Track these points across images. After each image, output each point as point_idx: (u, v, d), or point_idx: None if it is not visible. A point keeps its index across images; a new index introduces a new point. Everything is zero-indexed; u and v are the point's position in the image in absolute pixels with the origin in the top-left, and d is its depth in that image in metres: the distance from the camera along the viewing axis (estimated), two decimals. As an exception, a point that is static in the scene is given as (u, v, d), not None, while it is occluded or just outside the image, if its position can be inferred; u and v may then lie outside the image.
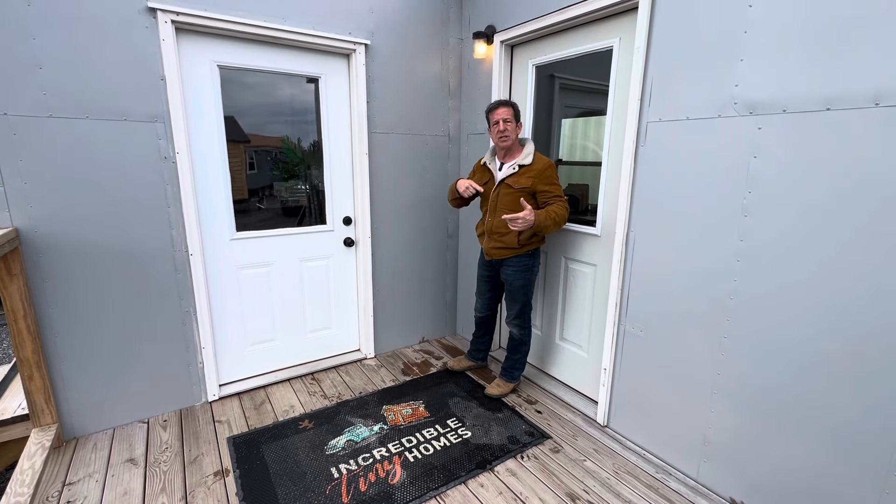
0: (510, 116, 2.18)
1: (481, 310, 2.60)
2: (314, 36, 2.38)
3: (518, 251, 2.28)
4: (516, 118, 2.20)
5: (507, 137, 2.18)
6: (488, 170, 2.33)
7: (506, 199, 2.23)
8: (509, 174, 2.22)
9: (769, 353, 1.60)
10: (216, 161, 2.32)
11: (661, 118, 1.84)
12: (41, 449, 1.90)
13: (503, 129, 2.17)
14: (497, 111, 2.19)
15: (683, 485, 1.88)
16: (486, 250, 2.35)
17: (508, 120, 2.17)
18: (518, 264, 2.31)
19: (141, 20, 1.97)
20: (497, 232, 2.28)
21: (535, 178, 2.17)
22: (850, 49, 1.32)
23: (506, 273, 2.36)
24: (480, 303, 2.59)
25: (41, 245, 1.92)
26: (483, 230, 2.37)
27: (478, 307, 2.62)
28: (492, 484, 1.87)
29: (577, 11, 2.11)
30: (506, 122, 2.17)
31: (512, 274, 2.33)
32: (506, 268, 2.35)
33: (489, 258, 2.37)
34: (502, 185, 2.24)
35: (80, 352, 2.06)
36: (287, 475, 1.90)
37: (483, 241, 2.38)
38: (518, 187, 2.19)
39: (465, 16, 2.87)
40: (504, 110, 2.17)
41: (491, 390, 2.52)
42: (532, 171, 2.18)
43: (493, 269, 2.44)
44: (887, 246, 1.30)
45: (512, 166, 2.22)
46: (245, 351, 2.60)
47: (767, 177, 1.53)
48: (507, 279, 2.36)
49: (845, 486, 1.46)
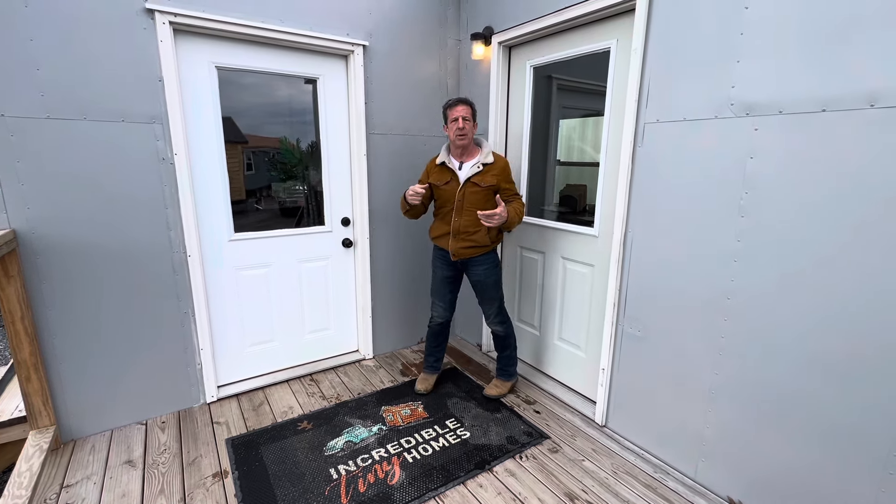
0: (469, 115, 2.18)
1: (442, 314, 2.49)
2: (312, 37, 2.38)
3: (487, 248, 2.30)
4: (473, 117, 2.22)
5: (465, 136, 2.17)
6: (448, 169, 2.27)
7: (473, 197, 2.21)
8: (475, 173, 2.21)
9: (766, 353, 1.61)
10: (214, 162, 2.32)
11: (658, 119, 1.85)
12: (39, 451, 1.89)
13: (462, 126, 2.15)
14: (456, 108, 2.17)
15: (681, 484, 1.88)
16: (454, 251, 2.29)
17: (467, 118, 2.17)
18: (487, 262, 2.33)
19: (139, 21, 1.96)
20: (465, 231, 2.25)
21: (499, 176, 2.22)
22: (846, 51, 1.33)
23: (476, 273, 2.34)
24: (442, 307, 2.48)
25: (39, 246, 1.92)
26: (446, 231, 2.30)
27: (439, 312, 2.49)
28: (490, 484, 1.88)
29: (574, 13, 2.12)
30: (465, 119, 2.16)
31: (483, 272, 2.34)
32: (475, 268, 2.33)
33: (456, 258, 2.31)
34: (468, 184, 2.21)
35: (78, 353, 2.06)
36: (286, 476, 1.89)
37: (446, 242, 2.31)
38: (486, 185, 2.21)
39: (463, 17, 2.87)
40: (463, 108, 2.17)
41: (490, 391, 2.52)
42: (495, 168, 2.22)
43: (458, 270, 2.40)
44: (884, 246, 1.31)
45: (476, 165, 2.21)
46: (243, 352, 2.60)
47: (764, 178, 1.54)
48: (478, 279, 2.35)
49: (843, 485, 1.47)
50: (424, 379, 2.60)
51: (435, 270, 2.45)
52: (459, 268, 2.39)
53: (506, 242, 2.91)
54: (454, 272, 2.41)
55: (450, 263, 2.38)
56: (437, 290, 2.46)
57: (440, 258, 2.41)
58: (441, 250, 2.38)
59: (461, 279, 2.46)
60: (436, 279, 2.46)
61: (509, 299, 2.96)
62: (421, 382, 2.58)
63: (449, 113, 2.20)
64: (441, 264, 2.41)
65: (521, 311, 2.89)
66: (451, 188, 2.25)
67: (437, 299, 2.48)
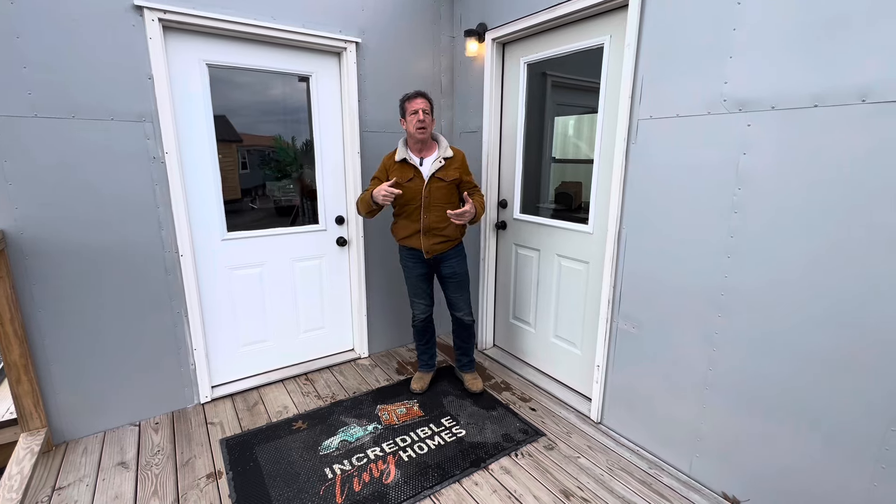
0: (428, 108, 2.16)
1: (425, 310, 2.48)
2: (304, 34, 2.36)
3: (457, 241, 2.36)
4: (432, 111, 2.21)
5: (424, 129, 2.15)
6: (410, 165, 2.21)
7: (439, 193, 2.21)
8: (438, 168, 2.20)
9: (760, 349, 1.61)
10: (206, 161, 2.30)
11: (651, 115, 1.84)
12: (30, 454, 1.87)
13: (422, 118, 2.13)
14: (416, 100, 2.15)
15: (676, 480, 1.89)
16: (427, 248, 2.27)
17: (427, 111, 2.15)
18: (459, 254, 2.39)
19: (128, 18, 1.94)
20: (436, 227, 2.24)
21: (461, 169, 2.27)
22: (837, 46, 1.33)
23: (449, 267, 2.36)
24: (423, 304, 2.46)
25: (28, 247, 1.89)
26: (415, 230, 2.27)
27: (421, 309, 2.47)
28: (486, 482, 1.88)
29: (567, 9, 2.11)
30: (425, 112, 2.14)
31: (457, 264, 2.37)
32: (448, 262, 2.35)
33: (429, 255, 2.30)
34: (433, 179, 2.20)
35: (70, 355, 2.04)
36: (281, 476, 1.89)
37: (417, 241, 2.28)
38: (450, 180, 2.22)
39: (457, 14, 2.86)
40: (422, 101, 2.15)
41: (474, 386, 2.52)
42: (456, 161, 2.25)
43: (430, 266, 2.39)
44: (877, 240, 1.31)
45: (438, 160, 2.20)
46: (237, 352, 2.59)
47: (757, 173, 1.54)
48: (452, 272, 2.37)
49: (836, 478, 1.47)
50: (420, 378, 2.59)
51: (408, 271, 2.43)
52: (432, 264, 2.39)
53: (501, 240, 2.90)
54: (428, 269, 2.41)
55: (422, 261, 2.37)
56: (415, 288, 2.45)
57: (411, 257, 2.38)
58: (411, 250, 2.36)
59: (433, 274, 2.46)
60: (411, 278, 2.44)
61: (504, 297, 2.96)
62: (416, 382, 2.57)
63: (407, 105, 2.17)
64: (413, 263, 2.39)
65: (516, 309, 2.89)
66: (416, 185, 2.21)
67: (417, 298, 2.47)
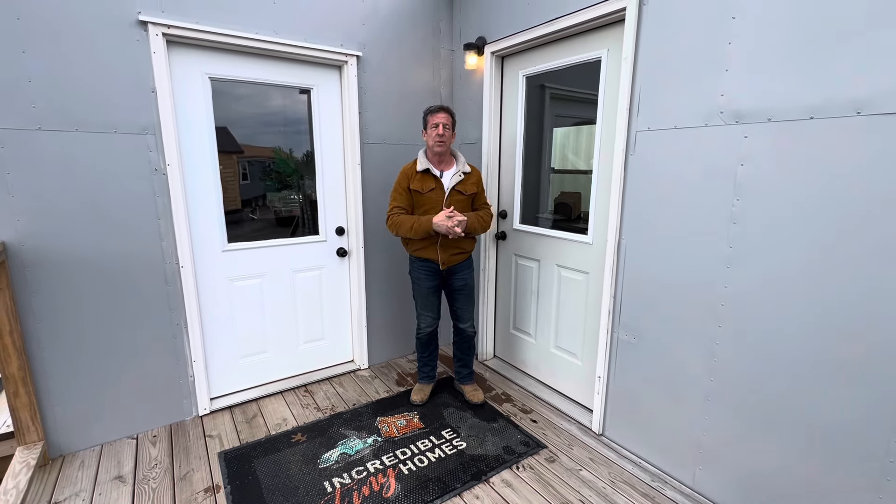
0: (449, 123, 2.22)
1: (432, 323, 2.47)
2: (306, 48, 2.39)
3: (469, 253, 2.42)
4: (453, 126, 2.26)
5: (443, 142, 2.20)
6: (432, 176, 2.25)
7: (458, 206, 2.25)
8: (458, 181, 2.26)
9: (761, 359, 1.61)
10: (208, 173, 2.31)
11: (649, 127, 1.86)
12: (26, 468, 1.85)
13: (442, 133, 2.18)
14: (438, 115, 2.21)
15: (679, 493, 1.87)
16: (444, 260, 2.30)
17: (448, 126, 2.21)
18: (470, 266, 2.44)
19: (132, 33, 1.97)
20: (454, 239, 2.27)
21: (477, 185, 2.33)
22: (832, 59, 1.35)
23: (461, 279, 2.40)
24: (431, 317, 2.45)
25: (28, 259, 1.89)
26: (433, 241, 2.27)
27: (428, 322, 2.46)
28: (487, 495, 1.85)
29: (565, 24, 2.15)
30: (445, 127, 2.20)
31: (467, 276, 2.42)
32: (460, 273, 2.39)
33: (445, 267, 2.33)
34: (453, 191, 2.25)
35: (68, 367, 2.03)
36: (279, 490, 1.86)
37: (433, 252, 2.29)
38: (468, 193, 2.29)
39: (456, 27, 2.90)
40: (444, 115, 2.21)
41: (475, 397, 2.51)
42: (473, 177, 2.31)
43: (442, 278, 2.41)
44: (874, 249, 1.32)
45: (458, 174, 2.26)
46: (237, 363, 2.57)
47: (755, 184, 1.56)
48: (464, 283, 2.41)
49: (841, 491, 1.46)
50: (420, 389, 2.57)
51: (419, 282, 2.41)
52: (443, 276, 2.40)
53: (501, 250, 2.91)
54: (439, 281, 2.41)
55: (435, 273, 2.37)
56: (425, 301, 2.44)
57: (424, 269, 2.38)
58: (425, 261, 2.36)
59: (442, 287, 2.47)
60: (421, 291, 2.42)
61: (504, 307, 2.96)
62: (416, 393, 2.55)
63: (430, 119, 2.23)
64: (425, 275, 2.38)
65: (516, 319, 2.88)
66: (436, 195, 2.25)
67: (426, 311, 2.46)
